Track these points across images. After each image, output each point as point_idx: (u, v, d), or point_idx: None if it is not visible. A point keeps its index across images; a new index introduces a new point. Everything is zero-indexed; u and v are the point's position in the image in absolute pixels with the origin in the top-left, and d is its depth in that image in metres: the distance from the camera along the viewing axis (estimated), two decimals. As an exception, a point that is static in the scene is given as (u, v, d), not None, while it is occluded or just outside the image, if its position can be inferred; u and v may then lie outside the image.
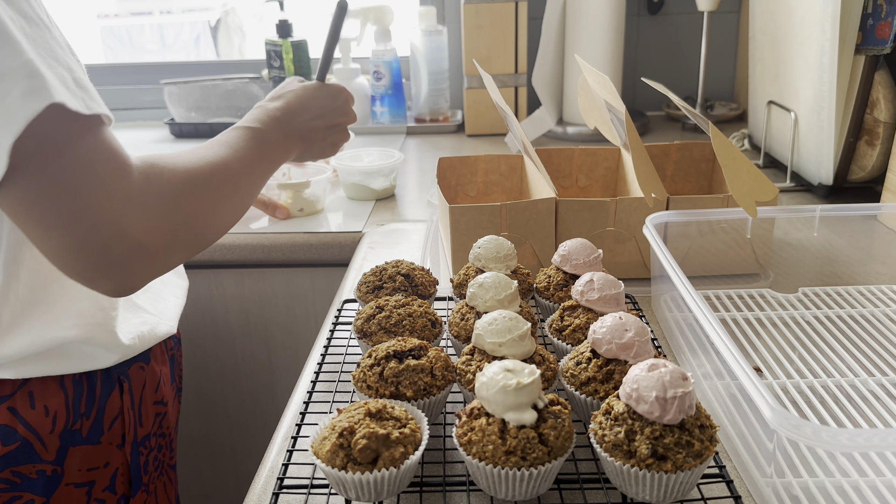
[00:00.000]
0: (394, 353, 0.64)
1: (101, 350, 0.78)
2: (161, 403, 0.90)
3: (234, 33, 3.88)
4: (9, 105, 0.57)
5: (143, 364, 0.86)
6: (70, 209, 0.58)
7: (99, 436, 0.81)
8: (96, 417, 0.80)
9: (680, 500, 0.57)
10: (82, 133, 0.60)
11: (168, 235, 0.64)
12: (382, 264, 0.82)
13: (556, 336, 0.73)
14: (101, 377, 0.81)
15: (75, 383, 0.78)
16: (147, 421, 0.87)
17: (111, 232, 0.59)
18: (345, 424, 0.56)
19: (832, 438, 0.51)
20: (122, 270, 0.61)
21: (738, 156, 0.95)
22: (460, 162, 1.16)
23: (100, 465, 0.82)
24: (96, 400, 0.80)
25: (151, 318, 0.86)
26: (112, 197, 0.60)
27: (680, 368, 0.55)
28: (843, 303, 0.93)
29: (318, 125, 0.88)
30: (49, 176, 0.58)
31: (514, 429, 0.55)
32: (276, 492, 0.58)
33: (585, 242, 0.81)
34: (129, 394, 0.84)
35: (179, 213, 0.65)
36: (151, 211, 0.63)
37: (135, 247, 0.61)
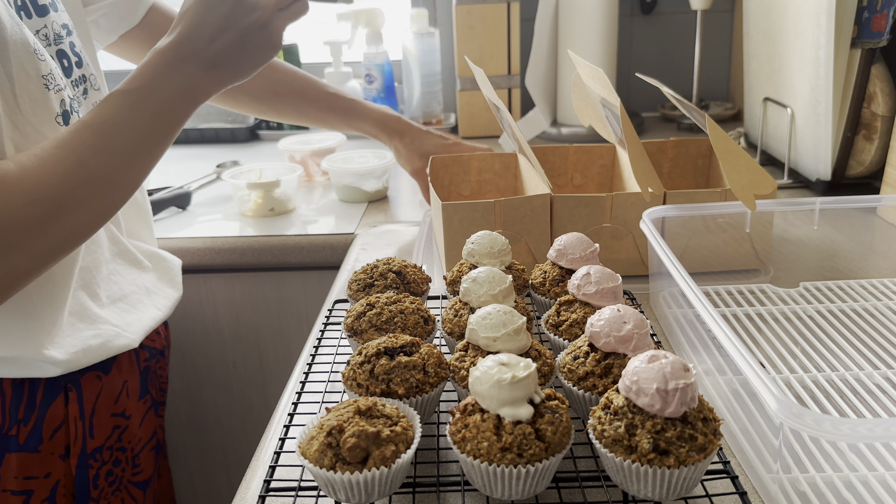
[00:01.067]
0: (385, 350, 0.62)
1: (39, 363, 0.74)
2: (121, 416, 0.85)
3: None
4: None
5: (100, 373, 0.82)
6: None
7: (37, 444, 0.77)
8: (35, 424, 0.76)
9: (683, 497, 0.55)
10: None
11: (24, 231, 0.58)
12: (374, 262, 0.80)
13: (552, 332, 0.71)
14: (44, 384, 0.77)
15: (15, 387, 0.75)
16: (101, 433, 0.83)
17: None
18: (333, 423, 0.53)
19: (834, 428, 0.49)
20: None
21: (735, 149, 0.93)
22: (453, 161, 1.14)
23: (39, 475, 0.78)
24: (36, 406, 0.76)
25: (110, 330, 0.80)
26: None
27: (681, 359, 0.53)
28: (845, 297, 0.91)
29: (225, 42, 0.70)
30: None
31: (509, 424, 0.52)
32: (262, 494, 0.56)
33: (581, 237, 0.79)
34: (77, 403, 0.79)
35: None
36: (14, 210, 0.57)
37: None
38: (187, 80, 0.69)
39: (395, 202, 1.31)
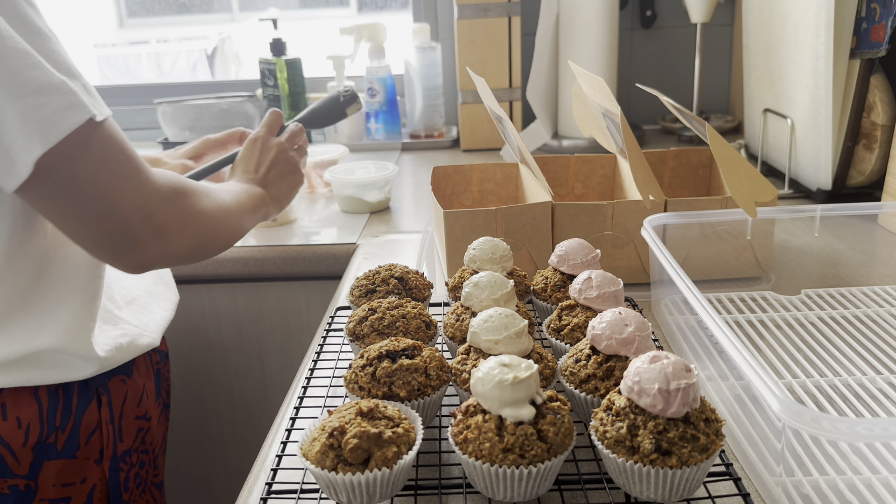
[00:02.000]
0: (386, 353, 0.62)
1: (78, 360, 0.76)
2: (144, 418, 0.88)
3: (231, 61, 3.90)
4: (45, 117, 0.62)
5: (124, 377, 0.84)
6: (103, 202, 0.66)
7: (75, 450, 0.79)
8: (72, 430, 0.78)
9: (686, 499, 0.54)
10: (98, 134, 0.66)
11: (182, 226, 0.72)
12: (375, 268, 0.80)
13: (554, 336, 0.71)
14: (77, 389, 0.79)
15: (50, 394, 0.76)
16: (128, 436, 0.85)
17: (138, 217, 0.68)
18: (335, 424, 0.53)
19: (833, 426, 0.49)
20: (143, 249, 0.69)
21: (735, 157, 0.94)
22: (455, 171, 1.14)
23: (76, 481, 0.79)
24: (72, 412, 0.78)
25: (133, 330, 0.84)
26: (136, 187, 0.68)
27: (683, 360, 0.53)
28: (847, 303, 0.91)
29: (269, 175, 0.93)
30: (78, 177, 0.65)
31: (511, 425, 0.52)
32: (264, 497, 0.56)
33: (583, 242, 0.79)
34: (108, 407, 0.81)
35: (194, 211, 0.74)
36: (169, 202, 0.71)
37: (155, 230, 0.69)
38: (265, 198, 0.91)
39: (397, 213, 1.32)
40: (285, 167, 0.93)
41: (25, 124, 0.61)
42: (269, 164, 0.92)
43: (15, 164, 0.62)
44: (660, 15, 1.79)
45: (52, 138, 0.62)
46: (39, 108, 0.61)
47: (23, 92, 0.61)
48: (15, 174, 0.62)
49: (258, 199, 0.88)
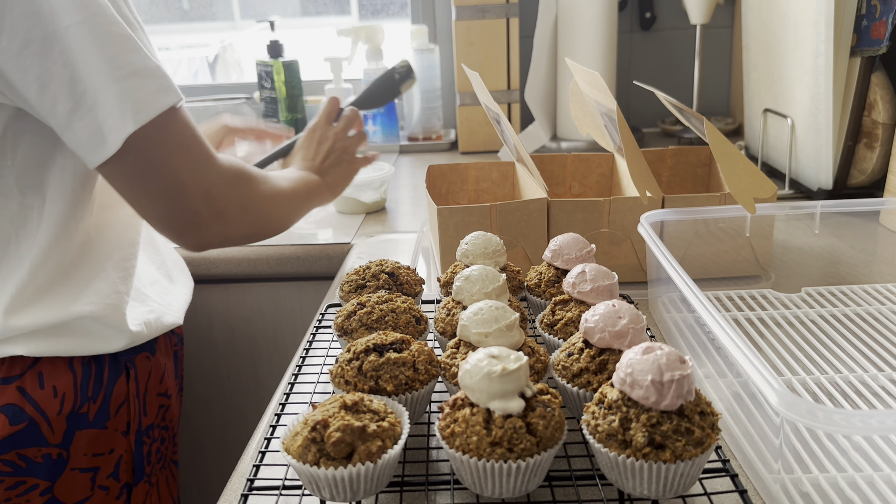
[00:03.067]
0: (374, 347, 0.60)
1: (111, 332, 0.80)
2: (165, 396, 0.92)
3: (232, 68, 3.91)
4: (140, 98, 0.66)
5: (148, 354, 0.88)
6: (173, 182, 0.70)
7: (105, 420, 0.82)
8: (103, 402, 0.81)
9: (681, 496, 0.53)
10: (176, 119, 0.70)
11: (241, 209, 0.76)
12: (366, 263, 0.78)
13: (547, 331, 0.69)
14: (109, 362, 0.82)
15: (84, 365, 0.80)
16: (151, 411, 0.89)
17: (202, 199, 0.72)
18: (318, 418, 0.52)
19: (827, 417, 0.48)
20: (204, 229, 0.73)
21: (734, 152, 0.92)
22: (450, 169, 1.13)
23: (105, 451, 0.83)
24: (104, 384, 0.81)
25: (158, 308, 0.89)
26: (203, 171, 0.72)
27: (677, 351, 0.52)
28: (848, 301, 0.89)
29: (325, 163, 0.98)
30: (155, 158, 0.69)
31: (499, 418, 0.51)
32: (244, 493, 0.54)
33: (577, 237, 0.78)
34: (135, 381, 0.85)
35: (254, 196, 0.79)
36: (231, 186, 0.75)
37: (216, 213, 0.73)
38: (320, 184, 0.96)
39: (393, 213, 1.30)
40: (341, 156, 0.98)
41: (121, 104, 0.66)
42: (325, 153, 0.97)
43: (105, 139, 0.66)
44: (659, 17, 1.78)
45: (143, 117, 0.66)
46: (136, 89, 0.66)
47: (123, 73, 0.66)
48: (104, 149, 0.67)
49: (314, 187, 0.92)
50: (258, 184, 0.80)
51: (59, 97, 0.66)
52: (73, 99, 0.66)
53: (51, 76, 0.65)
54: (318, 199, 0.94)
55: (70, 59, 0.65)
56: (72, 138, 0.68)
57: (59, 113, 0.66)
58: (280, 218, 0.85)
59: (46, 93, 0.66)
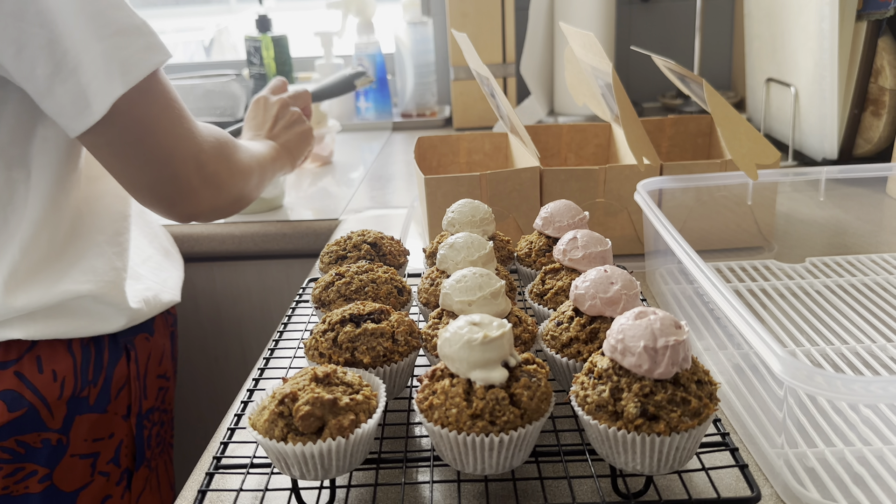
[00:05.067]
0: (350, 317, 0.57)
1: (111, 310, 0.78)
2: (164, 377, 0.89)
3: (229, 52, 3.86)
4: (127, 58, 0.62)
5: (147, 335, 0.86)
6: (162, 148, 0.66)
7: (106, 404, 0.79)
8: (104, 385, 0.79)
9: (677, 471, 0.49)
10: (159, 80, 0.66)
11: (229, 176, 0.72)
12: (347, 233, 0.75)
13: (536, 301, 0.65)
14: (108, 343, 0.79)
15: (83, 348, 0.77)
16: (151, 393, 0.86)
17: (192, 165, 0.68)
18: (286, 390, 0.48)
19: (828, 383, 0.44)
20: (196, 197, 0.70)
21: (735, 116, 0.88)
22: (441, 141, 1.09)
23: (105, 436, 0.80)
24: (104, 367, 0.79)
25: (155, 285, 0.86)
26: (190, 135, 0.68)
27: (672, 316, 0.48)
28: (854, 271, 0.85)
29: (275, 129, 0.95)
30: (142, 123, 0.64)
31: (480, 389, 0.47)
32: (209, 472, 0.50)
33: (570, 204, 0.74)
34: (135, 363, 0.83)
35: (237, 162, 0.75)
36: (217, 152, 0.71)
37: (206, 179, 0.70)
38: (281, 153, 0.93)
39: (384, 189, 1.26)
40: (290, 119, 0.95)
41: (107, 64, 0.61)
42: (273, 119, 0.94)
43: (90, 104, 0.62)
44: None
45: (132, 78, 0.62)
46: (123, 47, 0.62)
47: (108, 32, 0.61)
48: (88, 115, 0.62)
49: (275, 153, 0.90)
50: (238, 150, 0.77)
51: (38, 60, 0.61)
52: (53, 62, 0.61)
53: (28, 38, 0.60)
54: (280, 165, 0.91)
55: (48, 18, 0.60)
56: (52, 105, 0.63)
57: (38, 77, 0.61)
58: (258, 184, 0.82)
59: (23, 56, 0.61)
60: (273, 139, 0.92)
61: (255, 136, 0.93)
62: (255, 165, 0.80)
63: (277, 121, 0.94)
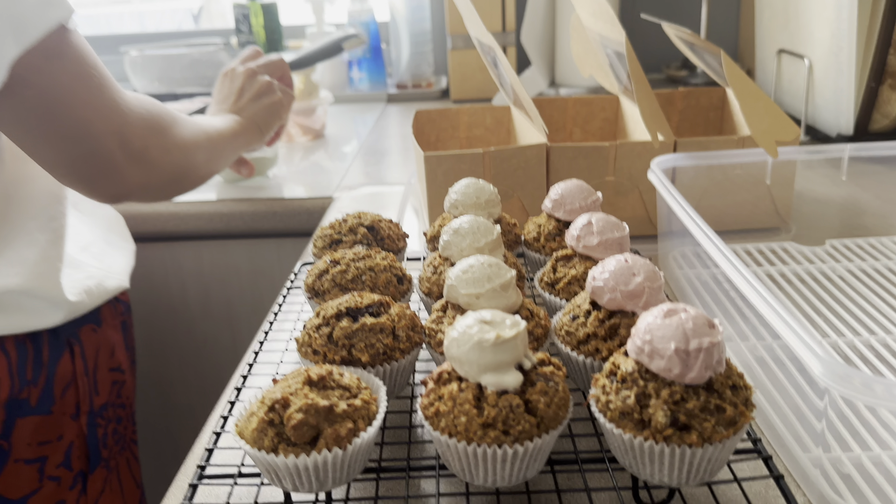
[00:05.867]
0: (347, 311, 0.52)
1: (46, 305, 0.72)
2: (118, 371, 0.84)
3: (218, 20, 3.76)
4: (20, 14, 0.54)
5: (94, 326, 0.80)
6: (76, 121, 0.59)
7: (50, 405, 0.74)
8: (46, 384, 0.73)
9: (707, 482, 0.45)
10: (69, 44, 0.58)
11: (163, 152, 0.65)
12: (343, 216, 0.69)
13: (547, 291, 0.61)
14: (47, 339, 0.74)
15: (18, 345, 0.71)
16: (103, 389, 0.81)
17: (115, 140, 0.61)
18: (277, 395, 0.43)
19: (888, 392, 0.40)
20: (121, 175, 0.62)
21: (754, 90, 0.83)
22: (440, 115, 1.03)
23: (52, 439, 0.75)
24: (44, 365, 0.73)
25: (98, 272, 0.80)
26: (112, 107, 0.61)
27: (704, 314, 0.43)
28: (877, 255, 0.81)
29: (241, 101, 0.87)
30: (50, 93, 0.57)
31: (492, 395, 0.42)
32: (193, 483, 0.46)
33: (581, 184, 0.69)
34: (81, 358, 0.77)
35: (174, 138, 0.67)
36: (148, 127, 0.64)
37: (134, 156, 0.63)
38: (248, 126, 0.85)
39: (379, 165, 1.21)
40: (258, 90, 0.88)
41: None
42: (239, 91, 0.87)
43: None
44: (664, -47, 1.66)
45: (27, 38, 0.55)
46: (12, 4, 0.54)
47: None
48: None
49: (237, 126, 0.83)
50: (178, 124, 0.69)
51: None
52: None
53: None
54: (245, 140, 0.84)
55: None
56: None
57: None
58: (205, 163, 0.74)
59: None
60: (238, 112, 0.85)
61: (220, 111, 0.86)
62: (202, 141, 0.73)
63: (243, 92, 0.87)
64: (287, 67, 0.93)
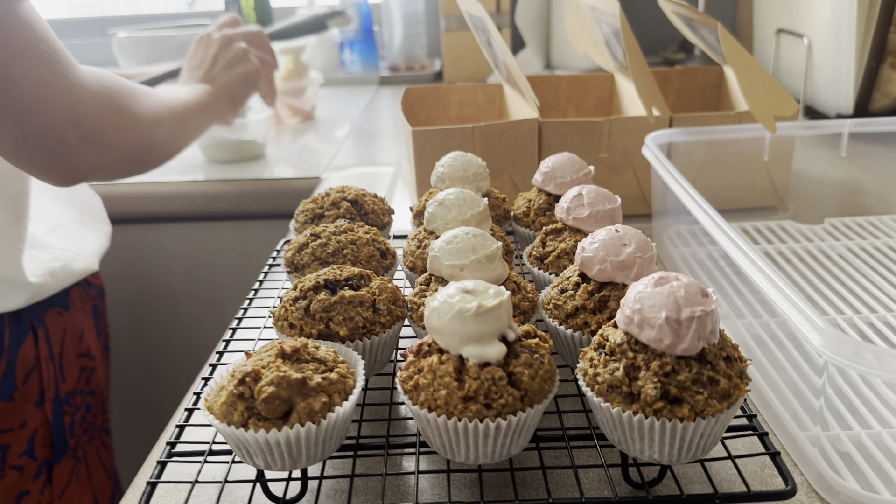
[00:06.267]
0: (325, 283, 0.50)
1: (5, 287, 0.69)
2: (87, 356, 0.81)
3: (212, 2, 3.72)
4: None
5: (61, 310, 0.77)
6: (24, 98, 0.56)
7: (11, 391, 0.71)
8: (7, 369, 0.71)
9: (699, 459, 0.43)
10: (16, 17, 0.55)
11: (120, 131, 0.62)
12: (325, 190, 0.67)
13: (536, 265, 0.58)
14: (9, 322, 0.71)
15: None
16: (70, 375, 0.78)
17: (66, 119, 0.58)
18: (248, 368, 0.41)
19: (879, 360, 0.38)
20: (74, 156, 0.59)
21: (753, 64, 0.81)
22: (430, 92, 1.01)
23: (14, 426, 0.72)
24: (5, 349, 0.70)
25: (64, 254, 0.77)
26: (63, 83, 0.58)
27: (697, 282, 0.41)
28: (877, 233, 0.79)
29: (213, 70, 0.84)
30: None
31: (474, 367, 0.40)
32: (162, 460, 0.44)
33: (573, 157, 0.66)
34: (46, 342, 0.74)
35: (133, 115, 0.64)
36: (103, 104, 0.61)
37: (87, 135, 0.59)
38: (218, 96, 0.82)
39: (370, 146, 1.18)
40: (233, 57, 0.84)
41: None
42: (213, 58, 0.83)
43: None
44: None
45: None
46: None
47: None
48: None
49: (206, 97, 0.79)
50: (137, 99, 0.65)
51: None
52: None
53: None
54: (215, 112, 0.80)
55: None
56: None
57: None
58: (169, 139, 0.71)
59: None
60: (210, 82, 0.81)
61: (191, 79, 0.82)
62: (165, 116, 0.69)
63: (217, 60, 0.83)
64: (266, 38, 0.90)
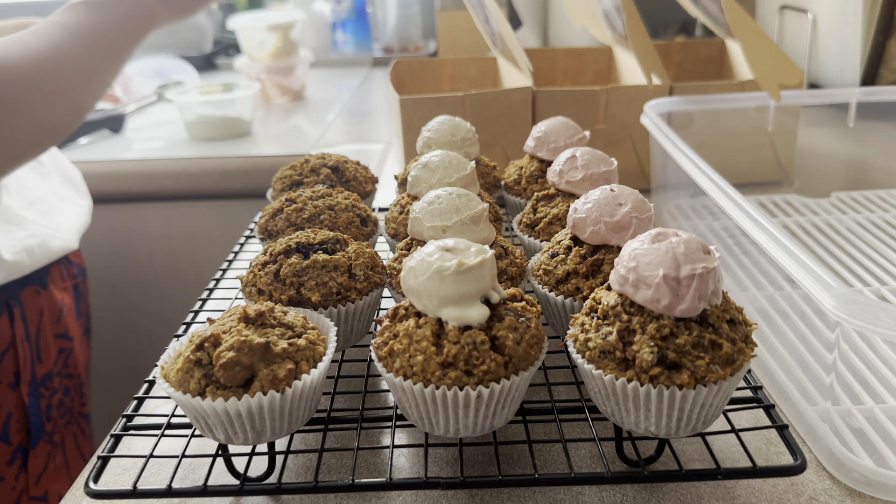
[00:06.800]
0: (297, 247, 0.46)
1: None
2: (65, 338, 0.77)
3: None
4: None
5: (38, 288, 0.73)
6: None
7: None
8: None
9: (700, 433, 0.39)
10: None
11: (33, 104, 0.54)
12: (306, 156, 0.64)
13: (526, 232, 0.55)
14: None
15: None
16: (48, 357, 0.74)
17: None
18: (207, 333, 0.38)
19: None
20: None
21: (756, 31, 0.77)
22: (421, 65, 0.97)
23: None
24: None
25: (42, 231, 0.73)
26: None
27: (698, 238, 0.37)
28: (885, 206, 0.75)
29: None
30: None
31: (454, 331, 0.37)
32: (115, 433, 0.40)
33: (567, 121, 0.63)
34: (22, 321, 0.71)
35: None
36: None
37: None
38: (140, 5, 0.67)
39: (360, 125, 1.15)
40: None
41: None
42: None
43: None
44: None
45: None
46: None
47: None
48: None
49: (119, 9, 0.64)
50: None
51: None
52: None
53: None
54: (147, 21, 0.65)
55: None
56: None
57: None
58: (73, 90, 0.57)
59: None
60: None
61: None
62: (57, 60, 0.56)
63: None
64: None
